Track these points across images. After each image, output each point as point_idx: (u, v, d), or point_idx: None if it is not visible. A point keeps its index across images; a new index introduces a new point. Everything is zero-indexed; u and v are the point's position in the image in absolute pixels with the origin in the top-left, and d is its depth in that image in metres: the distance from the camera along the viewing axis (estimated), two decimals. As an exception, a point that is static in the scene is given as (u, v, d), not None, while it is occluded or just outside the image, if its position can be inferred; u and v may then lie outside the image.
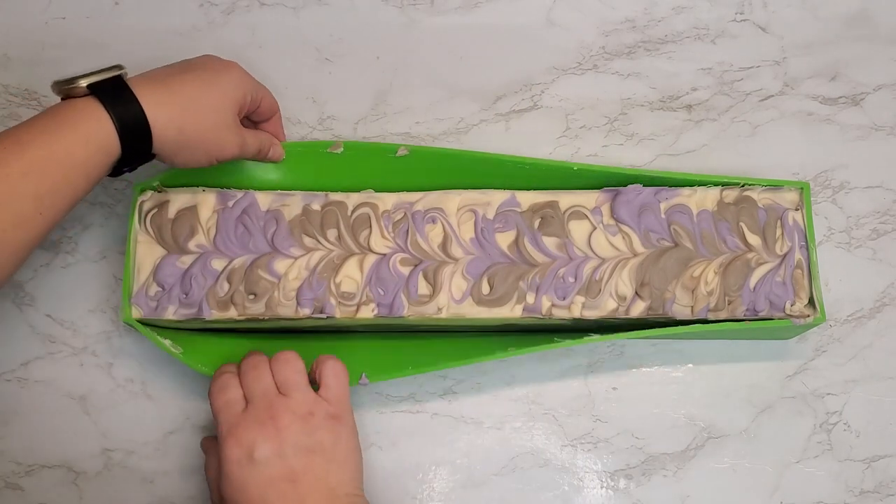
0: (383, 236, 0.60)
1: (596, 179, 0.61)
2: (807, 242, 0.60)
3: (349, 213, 0.61)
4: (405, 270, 0.59)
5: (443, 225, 0.60)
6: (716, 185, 0.61)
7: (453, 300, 0.59)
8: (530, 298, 0.58)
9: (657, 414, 0.64)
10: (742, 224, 0.60)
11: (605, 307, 0.59)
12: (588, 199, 0.61)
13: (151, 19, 0.72)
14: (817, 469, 0.63)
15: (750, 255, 0.60)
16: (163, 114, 0.52)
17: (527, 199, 0.61)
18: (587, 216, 0.60)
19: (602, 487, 0.63)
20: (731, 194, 0.61)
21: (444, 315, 0.59)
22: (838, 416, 0.64)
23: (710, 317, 0.59)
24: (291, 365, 0.54)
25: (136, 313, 0.59)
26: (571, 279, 0.59)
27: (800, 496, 0.63)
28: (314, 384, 0.55)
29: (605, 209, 0.61)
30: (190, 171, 0.59)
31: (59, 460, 0.64)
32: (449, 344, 0.62)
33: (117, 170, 0.53)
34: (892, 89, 0.70)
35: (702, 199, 0.61)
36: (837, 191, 0.68)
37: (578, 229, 0.60)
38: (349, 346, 0.62)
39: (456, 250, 0.60)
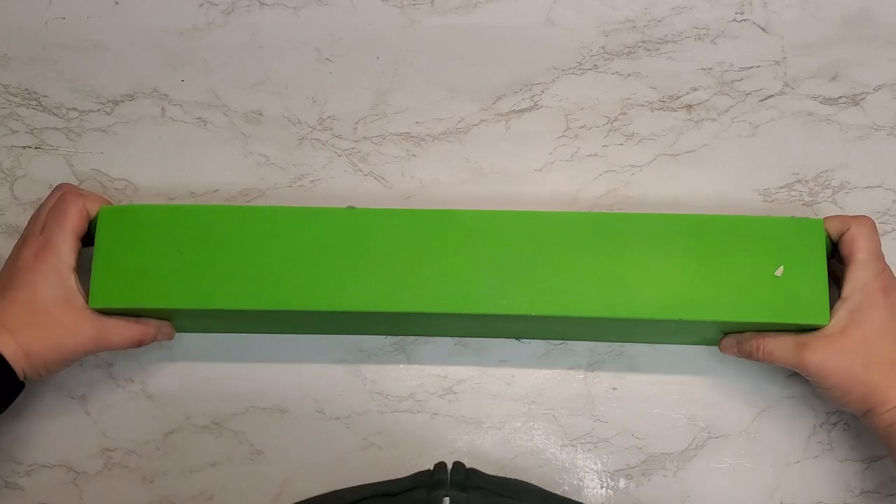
0: None
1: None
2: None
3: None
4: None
5: None
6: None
7: None
8: None
9: (657, 414, 0.64)
10: None
11: None
12: None
13: (151, 19, 0.72)
14: (817, 469, 0.63)
15: None
16: (6, 339, 0.54)
17: None
18: None
19: (602, 487, 0.63)
20: None
21: None
22: (838, 416, 0.64)
23: None
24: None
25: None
26: None
27: (800, 496, 0.63)
28: None
29: None
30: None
31: (59, 460, 0.64)
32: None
33: None
34: (892, 89, 0.70)
35: None
36: (837, 191, 0.68)
37: None
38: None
39: None
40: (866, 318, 0.55)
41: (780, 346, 0.57)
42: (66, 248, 0.57)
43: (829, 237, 0.58)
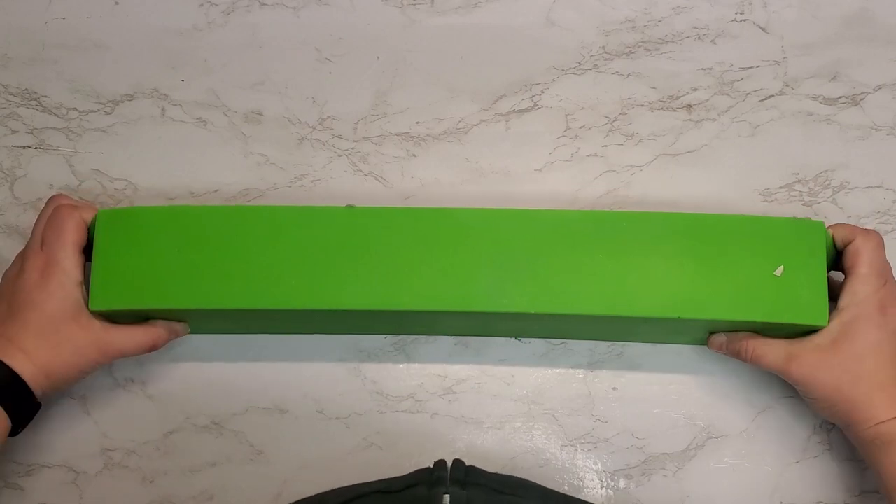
0: None
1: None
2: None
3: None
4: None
5: None
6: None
7: None
8: None
9: (657, 414, 0.64)
10: None
11: None
12: None
13: (151, 19, 0.72)
14: (817, 469, 0.63)
15: None
16: (25, 362, 0.55)
17: None
18: None
19: (602, 487, 0.63)
20: None
21: None
22: (838, 416, 0.64)
23: None
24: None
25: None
26: None
27: (800, 496, 0.63)
28: None
29: None
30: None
31: (59, 460, 0.64)
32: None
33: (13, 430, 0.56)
34: (892, 89, 0.70)
35: None
36: (837, 191, 0.68)
37: None
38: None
39: None
40: (859, 335, 0.55)
41: (769, 352, 0.57)
42: (69, 263, 0.57)
43: (835, 245, 0.58)
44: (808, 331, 0.56)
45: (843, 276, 0.58)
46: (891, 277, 0.57)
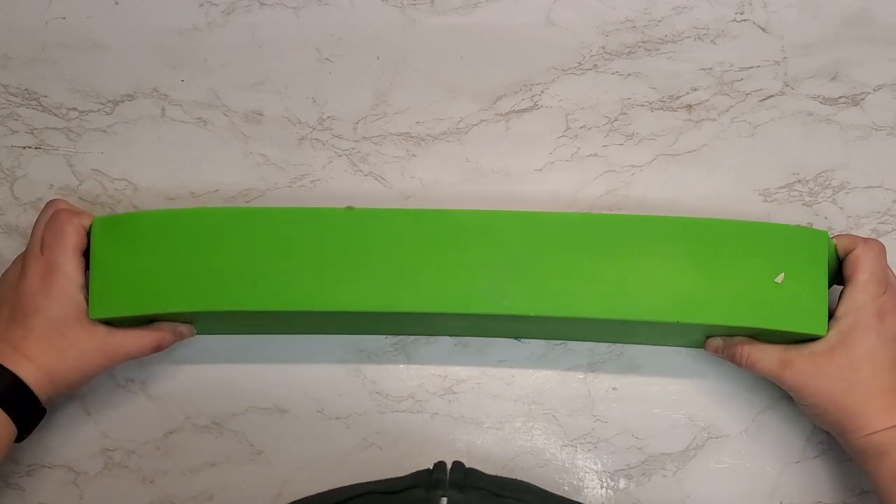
0: None
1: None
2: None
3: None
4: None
5: None
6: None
7: None
8: None
9: (657, 414, 0.64)
10: None
11: None
12: None
13: (151, 19, 0.72)
14: (817, 469, 0.63)
15: None
16: (30, 368, 0.55)
17: None
18: None
19: (602, 487, 0.63)
20: None
21: None
22: (838, 416, 0.64)
23: None
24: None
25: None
26: None
27: (800, 496, 0.63)
28: None
29: None
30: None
31: (59, 460, 0.64)
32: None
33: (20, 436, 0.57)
34: (892, 89, 0.70)
35: None
36: (837, 191, 0.68)
37: None
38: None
39: None
40: (856, 342, 0.54)
41: (764, 357, 0.57)
42: (70, 267, 0.57)
43: (838, 256, 0.58)
44: (806, 338, 0.56)
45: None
46: (891, 286, 0.56)
